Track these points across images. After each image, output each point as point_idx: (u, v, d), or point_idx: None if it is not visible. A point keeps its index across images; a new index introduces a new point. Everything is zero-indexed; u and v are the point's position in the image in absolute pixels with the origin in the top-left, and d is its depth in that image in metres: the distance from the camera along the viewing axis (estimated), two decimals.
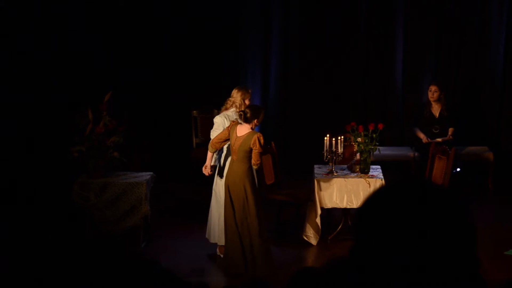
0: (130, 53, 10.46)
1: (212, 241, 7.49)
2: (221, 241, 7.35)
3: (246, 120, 6.89)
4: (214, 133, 7.28)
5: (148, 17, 10.48)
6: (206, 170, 7.23)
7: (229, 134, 6.99)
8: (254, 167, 6.93)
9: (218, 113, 7.57)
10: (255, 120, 6.93)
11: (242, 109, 7.15)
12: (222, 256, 7.38)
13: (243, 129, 6.92)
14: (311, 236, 7.76)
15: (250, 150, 6.83)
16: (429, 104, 9.88)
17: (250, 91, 7.44)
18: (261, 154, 6.92)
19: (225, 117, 7.31)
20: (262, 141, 6.86)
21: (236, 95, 7.35)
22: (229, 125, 7.05)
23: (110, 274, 2.48)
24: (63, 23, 10.06)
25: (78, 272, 2.66)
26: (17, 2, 9.76)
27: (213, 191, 7.45)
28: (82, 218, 7.49)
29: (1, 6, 9.71)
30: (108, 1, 10.33)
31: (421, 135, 9.76)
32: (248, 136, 6.86)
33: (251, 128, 6.91)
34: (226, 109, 7.37)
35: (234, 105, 7.34)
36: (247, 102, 7.35)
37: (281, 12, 10.83)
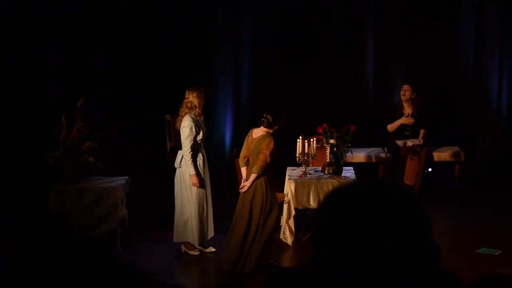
0: (103, 59, 10.44)
1: (175, 240, 7.55)
2: (184, 238, 7.45)
3: (269, 126, 7.02)
4: (188, 140, 7.28)
5: (121, 23, 10.48)
6: (243, 188, 7.15)
7: (247, 140, 7.11)
8: (255, 169, 6.97)
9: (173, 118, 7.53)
10: (276, 126, 7.07)
11: (200, 108, 7.22)
12: (190, 252, 7.46)
13: (259, 131, 7.08)
14: (288, 236, 7.83)
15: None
16: (401, 106, 9.99)
17: (202, 89, 7.39)
18: (272, 156, 6.98)
19: (193, 121, 7.30)
20: (271, 145, 6.95)
21: (191, 97, 7.31)
22: (247, 134, 7.18)
23: (87, 278, 2.50)
24: (33, 28, 10.04)
25: (55, 277, 2.68)
26: None
27: (178, 192, 7.46)
28: (59, 224, 7.51)
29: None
30: (83, 7, 10.31)
31: (396, 123, 9.84)
32: (261, 138, 7.00)
33: (266, 132, 7.01)
34: (186, 113, 7.32)
35: (192, 106, 7.30)
36: (201, 102, 7.34)
37: (253, 17, 10.88)
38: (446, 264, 7.02)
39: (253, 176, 7.02)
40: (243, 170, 7.26)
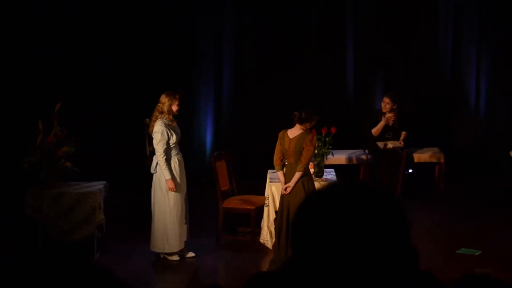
0: (81, 63, 10.36)
1: (157, 250, 7.46)
2: (159, 249, 7.38)
3: (300, 121, 7.05)
4: (160, 144, 7.22)
5: (101, 25, 10.40)
6: (287, 190, 7.12)
7: (280, 143, 7.11)
8: (300, 167, 6.99)
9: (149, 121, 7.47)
10: (308, 123, 7.08)
11: (170, 113, 7.16)
12: (169, 258, 7.40)
13: (294, 131, 7.12)
14: (268, 240, 7.79)
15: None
16: (382, 113, 10.00)
17: (178, 96, 7.28)
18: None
19: (165, 125, 7.23)
20: (314, 141, 7.02)
21: (163, 101, 7.25)
22: (278, 137, 7.21)
23: (61, 284, 2.46)
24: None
25: (30, 283, 2.63)
26: None
27: (156, 200, 7.39)
28: (35, 229, 7.42)
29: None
30: (59, 12, 10.23)
31: (379, 126, 9.85)
32: (301, 136, 7.04)
33: (303, 130, 7.06)
34: (157, 117, 7.26)
35: (163, 110, 7.24)
36: (174, 108, 7.25)
37: (234, 21, 10.85)
38: (427, 264, 7.01)
39: (298, 175, 7.04)
40: (280, 174, 7.25)
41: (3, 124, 9.71)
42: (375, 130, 9.93)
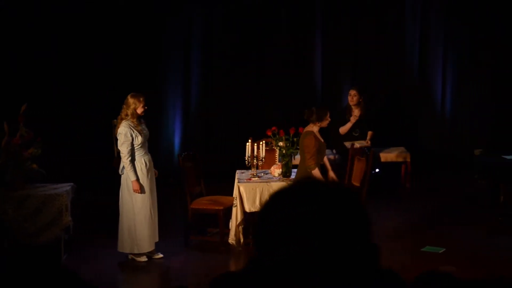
0: (49, 64, 10.29)
1: (124, 250, 7.46)
2: (127, 249, 7.39)
3: (309, 119, 7.16)
4: (124, 146, 7.21)
5: (69, 28, 10.33)
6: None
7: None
8: (307, 167, 7.08)
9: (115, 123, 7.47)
10: (318, 123, 7.19)
11: (134, 115, 7.15)
12: (137, 259, 7.41)
13: (306, 129, 7.28)
14: (236, 240, 7.81)
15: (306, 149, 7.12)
16: (349, 109, 10.07)
17: (142, 99, 7.23)
18: (319, 150, 7.16)
19: (129, 126, 7.22)
20: (312, 141, 7.10)
21: (127, 103, 7.24)
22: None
23: (27, 286, 2.45)
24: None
25: None
26: None
27: (122, 199, 7.39)
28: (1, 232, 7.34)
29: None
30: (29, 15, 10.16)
31: (347, 126, 9.91)
32: (303, 135, 7.22)
33: (312, 128, 7.20)
34: (122, 119, 7.26)
35: (128, 112, 7.22)
36: (139, 110, 7.23)
37: (202, 21, 10.85)
38: (392, 263, 7.08)
39: (312, 174, 7.16)
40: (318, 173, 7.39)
41: None
42: (343, 129, 10.00)
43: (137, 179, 7.25)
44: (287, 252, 1.46)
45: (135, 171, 7.25)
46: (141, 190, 7.28)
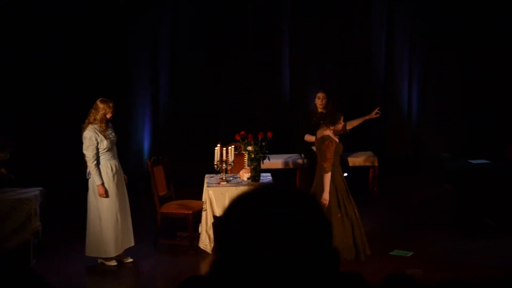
0: (16, 68, 10.22)
1: (92, 254, 7.44)
2: (94, 253, 7.38)
3: (323, 123, 7.29)
4: (89, 150, 7.21)
5: (36, 31, 10.28)
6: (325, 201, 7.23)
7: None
8: (322, 169, 7.19)
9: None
10: (331, 126, 7.26)
11: (102, 120, 7.17)
12: (107, 263, 7.40)
13: (319, 133, 7.39)
14: (207, 245, 7.82)
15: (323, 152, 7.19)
16: (316, 112, 10.13)
17: (111, 104, 7.24)
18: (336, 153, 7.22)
19: (94, 131, 7.23)
20: (328, 146, 7.14)
21: (98, 108, 7.24)
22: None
23: None
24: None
25: None
26: None
27: (89, 203, 7.39)
28: None
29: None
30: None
31: (312, 138, 9.98)
32: (319, 139, 7.30)
33: (326, 132, 7.26)
34: (90, 123, 7.25)
35: (95, 117, 7.22)
36: (108, 116, 7.25)
37: (170, 25, 10.85)
38: (360, 266, 7.18)
39: (324, 177, 7.21)
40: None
41: None
42: (308, 138, 10.06)
43: (103, 183, 7.24)
44: (248, 257, 1.48)
45: (100, 175, 7.23)
46: (107, 194, 7.26)
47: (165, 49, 10.87)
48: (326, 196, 7.20)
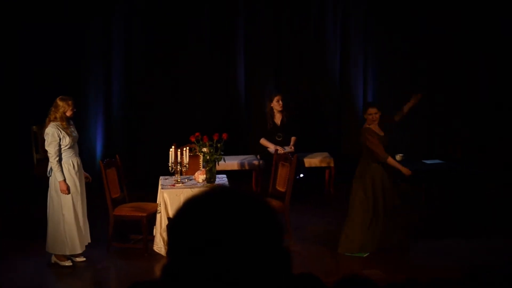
0: None
1: (55, 251, 7.41)
2: (55, 250, 7.35)
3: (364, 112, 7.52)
4: (51, 146, 7.19)
5: None
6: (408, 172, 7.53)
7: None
8: (382, 161, 7.38)
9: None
10: (365, 115, 7.49)
11: (63, 118, 7.13)
12: (61, 263, 7.33)
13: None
14: (162, 247, 7.73)
15: (365, 145, 7.38)
16: (272, 114, 10.12)
17: (70, 102, 7.25)
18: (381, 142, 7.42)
19: (56, 127, 7.20)
20: (369, 134, 7.36)
21: (58, 107, 7.24)
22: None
23: None
24: None
25: None
26: None
27: (49, 200, 7.34)
28: None
29: None
30: None
31: (269, 144, 9.97)
32: (361, 131, 7.43)
33: (366, 125, 7.48)
34: (50, 120, 7.24)
35: (56, 115, 7.23)
36: (68, 113, 7.25)
37: (124, 24, 10.72)
38: (316, 267, 7.16)
39: (389, 164, 7.45)
40: (394, 161, 7.60)
41: None
42: (264, 143, 10.03)
43: (65, 180, 7.24)
44: (198, 260, 1.43)
45: (62, 172, 7.23)
46: (68, 191, 7.26)
47: (118, 50, 10.72)
48: (404, 170, 7.48)
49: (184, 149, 8.16)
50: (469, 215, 9.06)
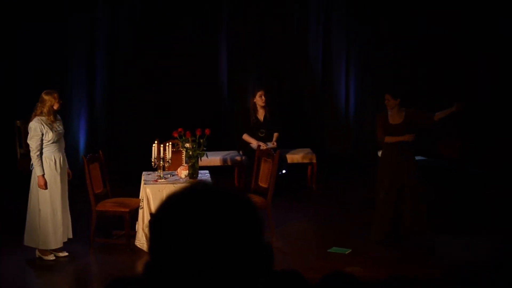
0: None
1: (30, 244, 7.40)
2: (32, 243, 7.34)
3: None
4: (33, 140, 7.19)
5: None
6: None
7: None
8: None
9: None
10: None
11: (49, 112, 7.14)
12: (45, 257, 7.32)
13: None
14: (144, 243, 7.72)
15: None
16: (255, 110, 10.12)
17: (56, 95, 7.29)
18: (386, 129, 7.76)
19: (40, 122, 7.22)
20: (378, 117, 7.81)
21: (44, 101, 7.26)
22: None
23: None
24: None
25: None
26: None
27: (31, 196, 7.34)
28: None
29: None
30: None
31: (251, 140, 9.97)
32: None
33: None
34: (36, 115, 7.25)
35: (41, 109, 7.24)
36: (55, 106, 7.27)
37: (107, 18, 10.68)
38: (299, 264, 7.18)
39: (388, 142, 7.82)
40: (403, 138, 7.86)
41: None
42: (247, 139, 10.03)
43: (43, 175, 7.22)
44: (179, 256, 1.44)
45: (42, 166, 7.21)
46: (46, 186, 7.23)
47: (101, 45, 10.68)
48: (407, 137, 7.76)
49: (167, 144, 8.15)
50: (468, 214, 8.98)
